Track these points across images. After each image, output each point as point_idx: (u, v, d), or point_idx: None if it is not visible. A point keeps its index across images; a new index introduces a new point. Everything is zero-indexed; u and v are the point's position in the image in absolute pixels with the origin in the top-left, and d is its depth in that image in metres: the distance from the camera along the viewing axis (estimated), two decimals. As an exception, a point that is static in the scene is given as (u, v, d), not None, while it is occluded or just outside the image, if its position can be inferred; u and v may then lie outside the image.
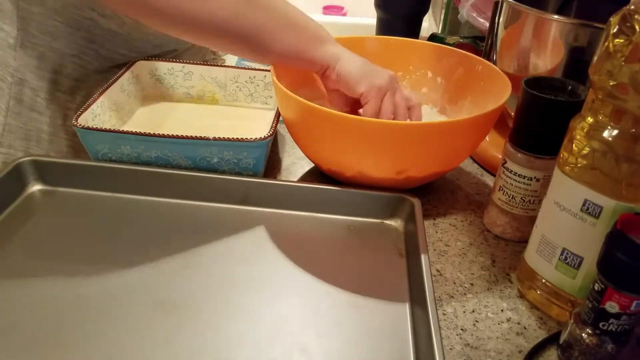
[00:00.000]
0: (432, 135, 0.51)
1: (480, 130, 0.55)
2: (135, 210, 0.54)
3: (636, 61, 0.35)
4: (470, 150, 0.59)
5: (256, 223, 0.53)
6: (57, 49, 0.65)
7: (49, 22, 0.64)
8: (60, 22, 0.64)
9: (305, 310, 0.44)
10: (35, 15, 0.63)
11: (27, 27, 0.63)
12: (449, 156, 0.55)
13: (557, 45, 0.56)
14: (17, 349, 0.39)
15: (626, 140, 0.37)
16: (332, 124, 0.51)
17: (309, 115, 0.52)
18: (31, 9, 0.62)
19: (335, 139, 0.52)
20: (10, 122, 0.65)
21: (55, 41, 0.65)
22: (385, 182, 0.55)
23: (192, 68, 0.71)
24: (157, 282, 0.45)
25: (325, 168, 0.58)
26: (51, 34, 0.64)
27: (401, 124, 0.52)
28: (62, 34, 0.65)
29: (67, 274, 0.46)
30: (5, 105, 0.64)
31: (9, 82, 0.64)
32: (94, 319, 0.42)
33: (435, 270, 0.50)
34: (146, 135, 0.54)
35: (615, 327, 0.38)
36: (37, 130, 0.67)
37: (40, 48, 0.64)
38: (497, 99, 0.55)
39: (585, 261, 0.41)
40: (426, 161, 0.54)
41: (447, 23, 1.11)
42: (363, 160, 0.53)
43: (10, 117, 0.65)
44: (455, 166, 0.61)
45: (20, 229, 0.50)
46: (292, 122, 0.56)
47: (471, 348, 0.42)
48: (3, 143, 0.66)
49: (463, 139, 0.54)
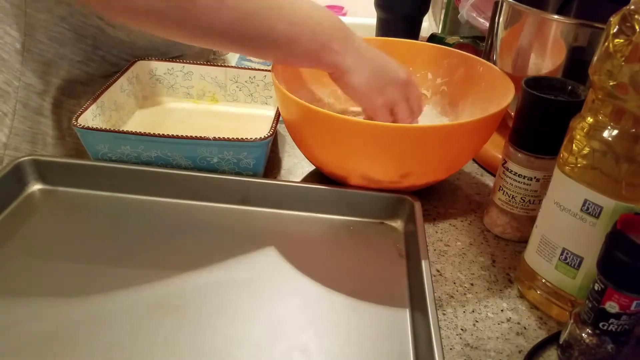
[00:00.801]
0: (435, 138, 0.50)
1: (484, 132, 0.54)
2: (135, 210, 0.54)
3: (636, 61, 0.35)
4: (474, 152, 0.58)
5: (256, 223, 0.53)
6: (64, 55, 0.66)
7: (56, 28, 0.64)
8: (66, 29, 0.64)
9: (305, 310, 0.44)
10: (42, 22, 0.63)
11: (34, 33, 0.63)
12: (453, 159, 0.55)
13: (557, 45, 0.55)
14: (17, 348, 0.39)
15: (626, 140, 0.37)
16: (331, 127, 0.50)
17: (308, 117, 0.52)
18: (38, 15, 0.63)
19: (335, 142, 0.51)
20: (17, 126, 0.66)
21: (62, 47, 0.65)
22: (387, 184, 0.54)
23: (192, 68, 0.71)
24: (156, 282, 0.45)
25: (327, 171, 0.57)
26: (57, 40, 0.65)
27: (403, 127, 0.51)
28: (68, 40, 0.65)
29: (67, 273, 0.46)
30: (12, 109, 0.65)
31: (16, 86, 0.65)
32: (94, 319, 0.42)
33: (435, 271, 0.50)
34: (146, 135, 0.54)
35: (615, 327, 0.38)
36: (43, 133, 0.68)
37: (47, 54, 0.65)
38: (499, 100, 0.54)
39: (585, 261, 0.41)
40: (429, 165, 0.53)
41: (447, 23, 1.11)
42: (364, 164, 0.52)
43: (17, 120, 0.66)
44: (458, 169, 0.61)
45: (20, 229, 0.50)
46: (292, 124, 0.56)
47: (471, 348, 0.42)
48: (10, 146, 0.66)
49: (468, 141, 0.53)
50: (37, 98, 0.66)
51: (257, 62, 0.97)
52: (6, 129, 0.66)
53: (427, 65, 0.68)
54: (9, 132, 0.66)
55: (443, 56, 0.67)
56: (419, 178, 0.54)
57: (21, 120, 0.66)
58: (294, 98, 0.51)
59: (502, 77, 0.58)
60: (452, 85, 0.66)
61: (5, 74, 0.64)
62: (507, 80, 0.57)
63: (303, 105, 0.50)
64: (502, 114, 0.53)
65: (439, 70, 0.67)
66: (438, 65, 0.67)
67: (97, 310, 0.42)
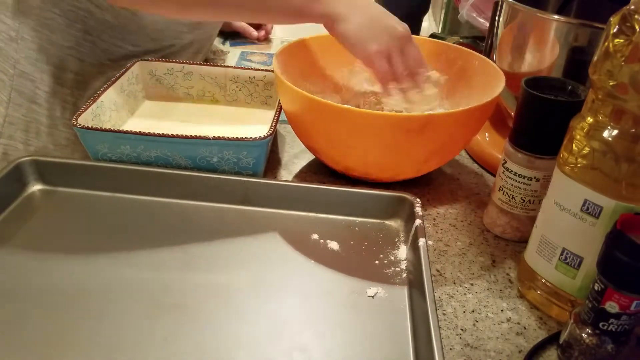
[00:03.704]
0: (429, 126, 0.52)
1: (474, 122, 0.57)
2: (135, 210, 0.54)
3: (636, 61, 0.35)
4: (466, 142, 0.61)
5: (256, 223, 0.53)
6: (55, 42, 0.66)
7: (47, 14, 0.64)
8: (57, 14, 0.64)
9: (305, 310, 0.44)
10: (34, 9, 0.63)
11: (27, 20, 0.64)
12: (445, 148, 0.57)
13: (557, 45, 0.55)
14: (17, 348, 0.39)
15: (626, 140, 0.37)
16: (334, 116, 0.53)
17: (309, 108, 0.54)
18: (30, 2, 0.63)
19: (339, 131, 0.54)
20: (11, 114, 0.66)
21: (53, 34, 0.65)
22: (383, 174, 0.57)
23: (192, 68, 0.71)
24: (156, 281, 0.45)
25: (326, 160, 0.59)
26: (49, 27, 0.65)
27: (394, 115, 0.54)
28: (59, 26, 0.65)
29: (67, 273, 0.45)
30: (7, 97, 0.65)
31: (11, 74, 0.65)
32: (94, 319, 0.42)
33: (435, 270, 0.50)
34: (146, 134, 0.54)
35: (615, 327, 0.38)
36: (37, 122, 0.68)
37: (40, 41, 0.65)
38: (492, 92, 0.57)
39: (585, 261, 0.41)
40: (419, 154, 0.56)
41: (447, 23, 1.11)
42: (359, 151, 0.55)
43: (12, 108, 0.66)
44: (449, 159, 0.63)
45: (20, 229, 0.50)
46: (294, 115, 0.57)
47: (471, 348, 0.42)
48: (3, 134, 0.66)
49: (459, 130, 0.56)
50: (31, 85, 0.66)
51: (256, 62, 0.97)
52: (0, 118, 0.66)
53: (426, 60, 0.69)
54: (3, 120, 0.66)
55: (441, 51, 0.68)
56: (412, 166, 0.57)
57: (16, 108, 0.66)
58: (297, 90, 0.53)
59: (495, 71, 0.60)
60: (449, 79, 0.68)
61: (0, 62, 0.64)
62: (499, 73, 0.59)
63: (306, 96, 0.53)
64: (493, 104, 0.55)
65: (437, 64, 0.68)
66: (436, 60, 0.68)
67: (97, 310, 0.42)
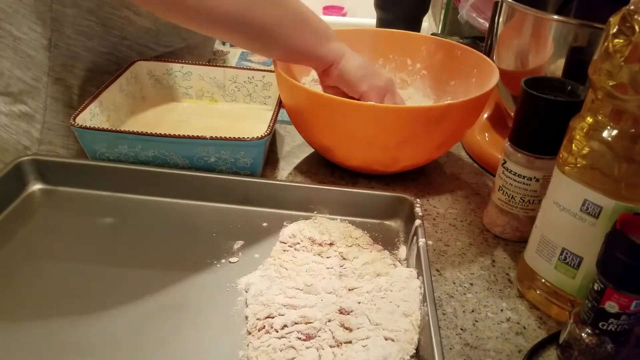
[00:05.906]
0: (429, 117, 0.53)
1: (471, 114, 0.58)
2: (135, 209, 0.54)
3: (636, 61, 0.35)
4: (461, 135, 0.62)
5: (256, 223, 0.53)
6: (92, 48, 0.66)
7: (83, 22, 0.64)
8: (94, 21, 0.65)
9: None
10: (69, 17, 0.63)
11: (61, 28, 0.64)
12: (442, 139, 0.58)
13: (556, 46, 0.55)
14: (17, 348, 0.39)
15: (626, 140, 0.37)
16: (330, 109, 0.54)
17: (310, 102, 0.56)
18: (65, 10, 0.63)
19: (334, 123, 0.55)
20: (50, 120, 0.67)
21: (90, 41, 0.66)
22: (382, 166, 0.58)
23: (191, 68, 0.71)
24: (156, 281, 0.45)
25: (326, 152, 0.61)
26: (85, 34, 0.65)
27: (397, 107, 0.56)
28: (96, 33, 0.65)
29: (67, 273, 0.45)
30: (43, 104, 0.66)
31: (45, 81, 0.65)
32: (94, 319, 0.42)
33: (435, 270, 0.50)
34: (143, 134, 0.54)
35: (614, 327, 0.38)
36: None
37: (75, 48, 0.65)
38: (481, 82, 0.58)
39: (584, 261, 0.41)
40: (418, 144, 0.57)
41: (447, 23, 1.11)
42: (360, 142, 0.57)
43: (49, 115, 0.67)
44: (445, 151, 0.63)
45: (20, 229, 0.50)
46: (295, 110, 0.58)
47: (471, 348, 0.42)
48: (43, 140, 0.67)
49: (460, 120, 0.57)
50: (67, 91, 0.67)
51: (256, 62, 0.97)
52: (38, 125, 0.67)
53: (406, 53, 0.72)
54: (41, 127, 0.67)
55: (420, 43, 0.70)
56: (411, 157, 0.59)
57: (53, 115, 0.67)
58: (298, 84, 0.55)
59: (482, 60, 0.63)
60: (432, 70, 0.70)
61: (33, 70, 0.65)
62: (489, 62, 0.61)
63: (307, 90, 0.55)
64: (489, 95, 0.56)
65: (417, 56, 0.71)
66: (416, 52, 0.71)
67: (97, 310, 0.42)
